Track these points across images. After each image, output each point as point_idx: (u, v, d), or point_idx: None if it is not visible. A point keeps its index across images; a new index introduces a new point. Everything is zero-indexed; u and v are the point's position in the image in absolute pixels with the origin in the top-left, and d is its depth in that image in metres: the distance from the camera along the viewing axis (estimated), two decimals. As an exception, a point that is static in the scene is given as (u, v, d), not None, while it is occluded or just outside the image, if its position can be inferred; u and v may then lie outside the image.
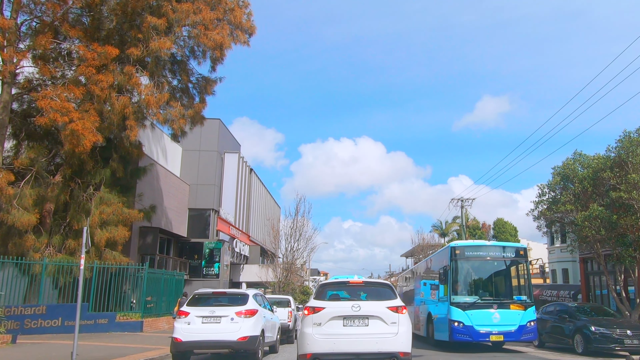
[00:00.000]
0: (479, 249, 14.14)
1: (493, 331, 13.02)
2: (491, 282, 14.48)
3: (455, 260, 13.73)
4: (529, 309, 13.43)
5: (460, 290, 13.66)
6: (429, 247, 49.74)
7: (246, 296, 10.67)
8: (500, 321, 13.06)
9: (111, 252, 19.08)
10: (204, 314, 9.96)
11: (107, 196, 19.27)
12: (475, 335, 13.01)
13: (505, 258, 14.14)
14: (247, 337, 9.91)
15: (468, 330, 13.04)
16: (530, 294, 13.83)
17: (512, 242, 62.83)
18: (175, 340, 9.79)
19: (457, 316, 13.19)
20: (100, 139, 17.54)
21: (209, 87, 21.44)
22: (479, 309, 13.18)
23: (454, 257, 13.78)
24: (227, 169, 34.57)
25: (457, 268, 13.71)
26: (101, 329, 17.14)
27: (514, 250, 14.27)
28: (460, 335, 13.10)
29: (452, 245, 14.18)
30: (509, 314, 13.22)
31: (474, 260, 14.05)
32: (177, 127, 20.10)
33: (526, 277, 13.98)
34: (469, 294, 13.75)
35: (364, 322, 7.82)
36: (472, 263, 14.07)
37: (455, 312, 13.25)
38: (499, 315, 13.08)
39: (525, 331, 13.25)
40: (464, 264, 13.90)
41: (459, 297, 13.47)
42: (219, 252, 31.17)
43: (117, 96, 18.16)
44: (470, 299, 13.45)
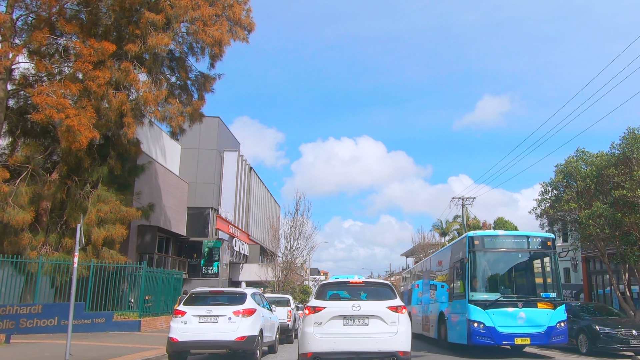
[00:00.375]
0: (501, 239, 12.46)
1: (518, 333, 11.42)
2: (514, 277, 12.79)
3: (474, 252, 12.07)
4: (559, 307, 11.84)
5: (479, 286, 12.04)
6: (429, 246, 49.50)
7: (244, 295, 10.45)
8: (526, 322, 11.47)
9: (109, 251, 18.86)
10: (201, 314, 9.74)
11: (104, 194, 19.04)
12: (498, 337, 11.43)
13: (530, 249, 12.45)
14: (245, 337, 9.69)
15: (490, 332, 11.44)
16: (560, 291, 12.30)
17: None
18: (171, 340, 9.57)
19: (477, 316, 11.57)
20: (97, 135, 17.31)
21: (207, 84, 21.22)
22: (501, 307, 11.56)
23: (472, 249, 12.13)
24: (227, 167, 34.35)
25: (476, 261, 12.04)
26: (98, 329, 16.92)
27: (541, 241, 12.51)
28: (480, 337, 11.49)
29: (470, 235, 12.44)
30: (537, 314, 11.59)
31: (495, 252, 12.35)
32: (176, 125, 19.88)
33: (554, 272, 12.31)
34: (489, 291, 12.08)
35: (364, 322, 7.92)
36: (492, 255, 12.38)
37: (474, 311, 11.61)
38: (524, 314, 11.47)
39: (555, 333, 11.64)
40: (484, 256, 12.23)
41: (479, 294, 11.83)
42: (218, 251, 30.96)
43: (115, 93, 17.94)
44: (492, 296, 11.78)
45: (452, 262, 13.65)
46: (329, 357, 7.86)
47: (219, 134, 33.86)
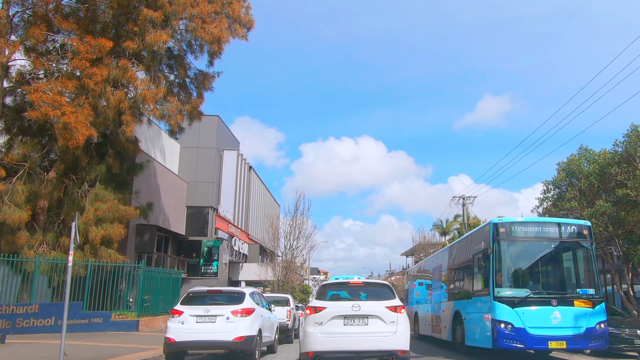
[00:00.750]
0: (530, 227, 10.89)
1: (553, 336, 9.93)
2: (545, 271, 11.32)
3: (499, 241, 10.57)
4: (598, 306, 10.36)
5: (505, 280, 10.50)
6: (430, 245, 49.30)
7: (242, 295, 10.28)
8: (561, 322, 10.02)
9: (107, 250, 18.70)
10: (199, 313, 9.56)
11: (102, 193, 18.88)
12: (529, 340, 9.95)
13: (563, 238, 10.81)
14: (243, 337, 9.52)
15: (519, 334, 9.93)
16: (598, 287, 10.72)
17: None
18: (168, 340, 9.39)
19: (504, 315, 10.07)
20: (94, 133, 17.15)
21: (206, 82, 21.05)
22: (533, 305, 10.13)
23: (497, 237, 10.60)
24: (226, 166, 34.19)
25: (501, 251, 10.54)
26: (96, 329, 16.75)
27: (576, 229, 10.94)
28: (508, 341, 9.99)
29: (494, 222, 10.92)
30: (574, 313, 10.17)
31: (524, 241, 10.83)
32: (174, 123, 19.71)
33: (591, 264, 10.74)
34: (517, 286, 10.58)
35: (363, 321, 8.10)
36: (520, 245, 10.88)
37: (501, 310, 10.12)
38: (559, 314, 10.03)
39: (594, 336, 10.17)
40: (511, 245, 10.73)
41: (506, 290, 10.32)
42: (217, 250, 30.79)
43: (113, 90, 17.77)
44: (520, 292, 10.29)
45: (470, 254, 12.14)
46: (330, 356, 8.04)
47: (218, 132, 33.69)
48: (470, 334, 11.70)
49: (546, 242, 10.90)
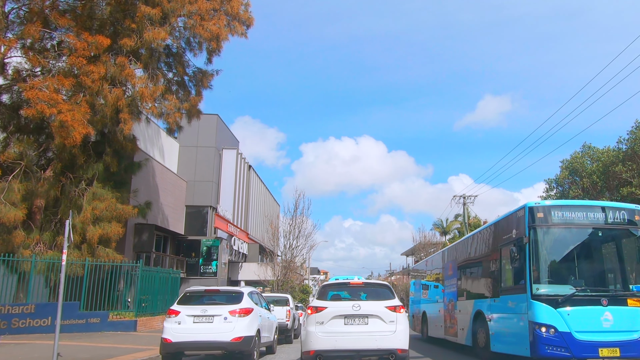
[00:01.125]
0: (573, 211, 9.19)
1: (604, 342, 8.38)
2: (590, 263, 9.65)
3: (536, 229, 8.93)
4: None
5: (544, 275, 8.81)
6: (430, 245, 49.11)
7: (241, 294, 10.08)
8: (613, 325, 8.44)
9: (104, 249, 18.52)
10: (196, 313, 9.36)
11: (100, 191, 18.70)
12: (577, 348, 8.35)
13: (611, 225, 9.14)
14: (241, 338, 9.32)
15: (564, 339, 8.30)
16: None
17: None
18: (164, 341, 9.20)
19: (546, 317, 8.42)
20: (91, 131, 16.97)
21: (205, 80, 20.85)
22: (580, 305, 8.49)
23: (533, 224, 8.97)
24: (225, 165, 33.99)
25: (540, 240, 8.88)
26: (93, 329, 16.55)
27: (626, 215, 9.29)
28: (551, 348, 8.34)
29: (530, 206, 9.23)
30: (627, 314, 8.59)
31: (566, 229, 9.13)
32: (173, 121, 19.52)
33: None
34: (557, 281, 8.91)
35: (363, 321, 8.28)
36: (561, 233, 9.18)
37: (542, 310, 8.46)
38: (611, 315, 8.46)
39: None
40: (550, 234, 9.07)
41: (546, 287, 8.63)
42: (216, 249, 30.59)
43: (110, 88, 17.59)
44: (563, 289, 8.65)
45: (497, 244, 10.60)
46: (331, 355, 8.21)
47: (217, 131, 33.50)
48: (497, 338, 10.14)
49: (591, 229, 9.18)
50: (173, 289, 21.89)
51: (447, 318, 14.32)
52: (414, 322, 20.06)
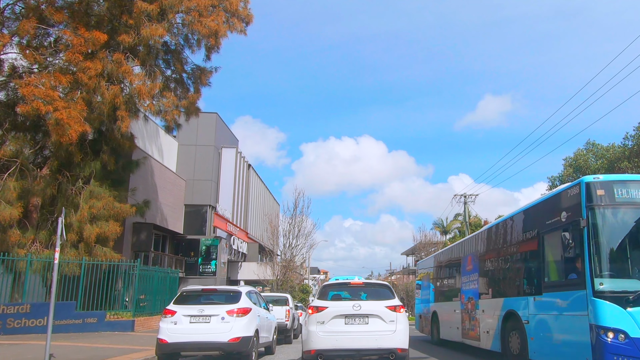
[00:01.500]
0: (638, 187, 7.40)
1: None
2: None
3: (595, 209, 7.19)
4: None
5: (606, 267, 7.05)
6: (431, 244, 48.90)
7: (239, 294, 9.85)
8: None
9: (102, 248, 18.32)
10: (192, 313, 9.13)
11: (97, 190, 18.50)
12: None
13: None
14: (239, 338, 9.10)
15: (637, 347, 6.63)
16: None
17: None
18: (160, 341, 8.97)
19: (613, 319, 6.74)
20: (88, 129, 16.75)
21: (203, 77, 20.62)
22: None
23: (593, 203, 7.24)
24: (225, 164, 33.78)
25: (601, 223, 7.14)
26: (90, 329, 16.34)
27: None
28: (620, 358, 6.66)
29: (587, 181, 7.50)
30: None
31: (633, 209, 7.27)
32: (171, 119, 19.30)
33: None
34: (623, 275, 7.12)
35: (364, 321, 8.35)
36: (627, 214, 7.29)
37: (608, 311, 6.78)
38: None
39: None
40: (613, 215, 7.28)
41: (613, 282, 6.92)
42: (215, 249, 30.37)
43: (107, 85, 17.37)
44: (633, 284, 6.95)
45: (537, 231, 8.87)
46: (332, 354, 8.28)
47: (216, 130, 33.28)
48: (538, 345, 8.37)
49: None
50: (171, 288, 21.67)
51: (465, 319, 12.75)
52: (421, 323, 18.78)
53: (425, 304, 18.05)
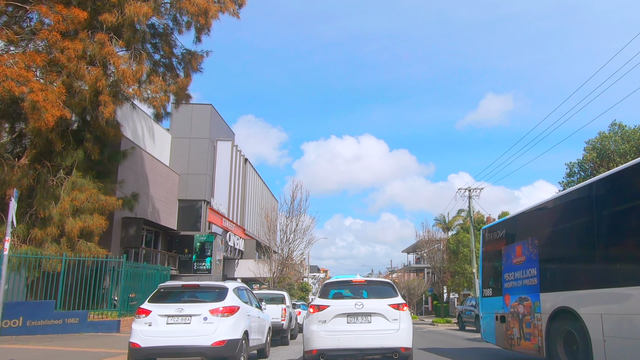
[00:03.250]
0: None
1: None
2: None
3: None
4: None
5: None
6: (434, 241, 47.66)
7: (225, 290, 8.62)
8: None
9: (86, 243, 17.13)
10: (170, 313, 7.90)
11: (80, 181, 17.28)
12: None
13: None
14: (224, 342, 7.88)
15: None
16: None
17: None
18: (132, 345, 7.74)
19: None
20: (67, 114, 15.53)
21: (194, 62, 19.36)
22: None
23: None
24: (220, 157, 32.53)
25: None
26: (70, 330, 15.12)
27: None
28: None
29: None
30: None
31: None
32: (159, 105, 18.06)
33: None
34: None
35: (366, 319, 8.17)
36: None
37: None
38: None
39: None
40: None
41: None
42: (210, 245, 29.13)
43: (88, 68, 16.14)
44: None
45: None
46: (334, 354, 8.09)
47: (211, 122, 32.01)
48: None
49: None
50: (162, 286, 20.43)
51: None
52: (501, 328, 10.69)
53: (520, 293, 10.01)
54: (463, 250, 39.95)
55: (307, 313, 8.73)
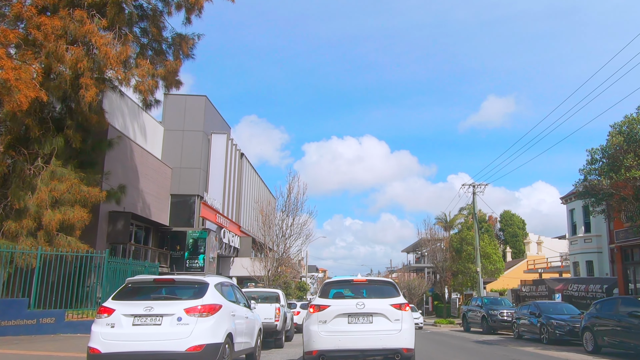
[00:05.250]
0: None
1: None
2: None
3: None
4: None
5: None
6: (435, 240, 46.45)
7: (204, 286, 7.37)
8: None
9: (65, 238, 15.93)
10: (137, 312, 6.67)
11: (60, 170, 16.08)
12: None
13: None
14: (201, 346, 6.66)
15: None
16: None
17: (520, 236, 59.41)
18: (90, 351, 6.52)
19: None
20: (43, 96, 14.28)
21: (184, 45, 18.14)
22: None
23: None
24: (215, 151, 31.27)
25: None
26: (45, 331, 13.89)
27: None
28: None
29: None
30: None
31: None
32: (146, 89, 16.76)
33: None
34: None
35: (368, 320, 7.97)
36: None
37: None
38: None
39: None
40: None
41: None
42: (204, 242, 27.87)
43: (67, 47, 14.91)
44: None
45: None
46: (334, 355, 7.89)
47: (205, 114, 30.75)
48: None
49: None
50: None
51: None
52: None
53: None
54: (467, 248, 38.74)
55: (307, 313, 8.53)
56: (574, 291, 23.85)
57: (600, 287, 22.17)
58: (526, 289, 30.23)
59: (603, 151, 12.80)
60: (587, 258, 28.92)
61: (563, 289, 25.06)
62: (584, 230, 29.15)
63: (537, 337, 16.71)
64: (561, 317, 16.09)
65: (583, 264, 29.20)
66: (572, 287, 24.22)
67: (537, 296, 27.58)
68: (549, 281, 28.61)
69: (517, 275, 42.77)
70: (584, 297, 22.85)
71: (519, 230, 60.41)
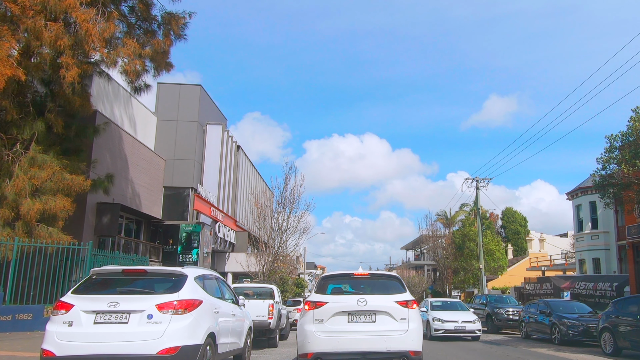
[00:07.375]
0: None
1: None
2: None
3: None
4: None
5: None
6: (437, 237, 45.51)
7: (182, 278, 6.37)
8: None
9: (47, 229, 14.95)
10: (99, 308, 5.67)
11: (41, 157, 15.07)
12: None
13: None
14: (176, 349, 5.67)
15: None
16: None
17: (522, 233, 58.48)
18: (44, 354, 5.52)
19: None
20: (21, 75, 13.27)
21: (174, 23, 17.09)
22: None
23: None
24: (210, 142, 30.21)
25: None
26: (22, 327, 12.95)
27: None
28: None
29: None
30: None
31: None
32: (132, 70, 15.73)
33: None
34: None
35: (370, 318, 7.22)
36: None
37: None
38: None
39: None
40: None
41: None
42: (198, 236, 26.84)
43: (47, 24, 13.88)
44: None
45: None
46: (332, 358, 7.15)
47: (200, 104, 29.68)
48: None
49: None
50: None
51: None
52: None
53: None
54: (469, 244, 37.79)
55: (302, 311, 7.67)
56: (582, 289, 22.90)
57: (610, 285, 21.23)
58: (530, 286, 29.29)
59: (623, 138, 11.85)
60: (594, 255, 28.00)
61: (570, 287, 24.11)
62: (591, 227, 28.24)
63: (548, 337, 15.76)
64: (574, 317, 15.13)
65: (590, 261, 28.28)
66: (580, 285, 23.26)
67: (542, 294, 26.63)
68: (554, 279, 27.67)
69: (519, 273, 41.88)
70: (592, 296, 21.94)
71: (521, 227, 59.60)
